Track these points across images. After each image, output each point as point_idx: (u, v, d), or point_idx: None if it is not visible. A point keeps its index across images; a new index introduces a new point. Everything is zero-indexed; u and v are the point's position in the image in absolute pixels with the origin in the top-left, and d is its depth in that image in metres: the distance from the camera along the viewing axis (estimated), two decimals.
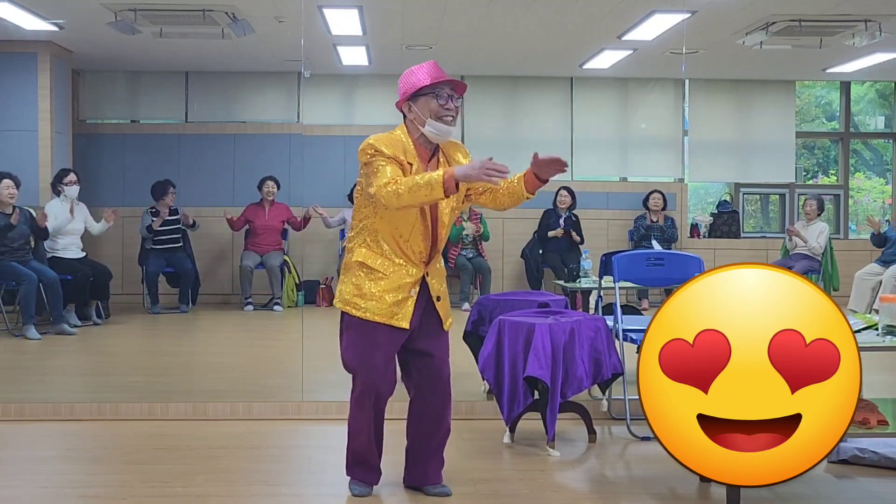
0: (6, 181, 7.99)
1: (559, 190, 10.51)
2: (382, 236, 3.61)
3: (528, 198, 3.64)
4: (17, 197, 8.08)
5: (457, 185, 3.40)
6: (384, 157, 3.52)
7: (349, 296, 3.65)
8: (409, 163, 3.57)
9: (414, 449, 3.84)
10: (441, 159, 3.67)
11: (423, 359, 3.73)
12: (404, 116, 3.69)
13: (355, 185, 3.81)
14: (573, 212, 10.49)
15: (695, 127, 11.45)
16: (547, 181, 3.60)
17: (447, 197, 3.41)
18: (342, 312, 3.70)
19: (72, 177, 8.69)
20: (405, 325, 3.62)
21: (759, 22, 8.15)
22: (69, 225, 8.61)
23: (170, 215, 9.81)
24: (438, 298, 3.70)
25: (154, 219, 9.68)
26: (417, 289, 3.64)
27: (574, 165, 11.32)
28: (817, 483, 4.10)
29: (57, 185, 8.68)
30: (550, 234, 10.35)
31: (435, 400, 3.76)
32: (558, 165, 3.54)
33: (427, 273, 3.66)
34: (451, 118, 3.59)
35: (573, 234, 10.37)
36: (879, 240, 9.51)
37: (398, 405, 4.06)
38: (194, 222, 9.95)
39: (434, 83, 3.56)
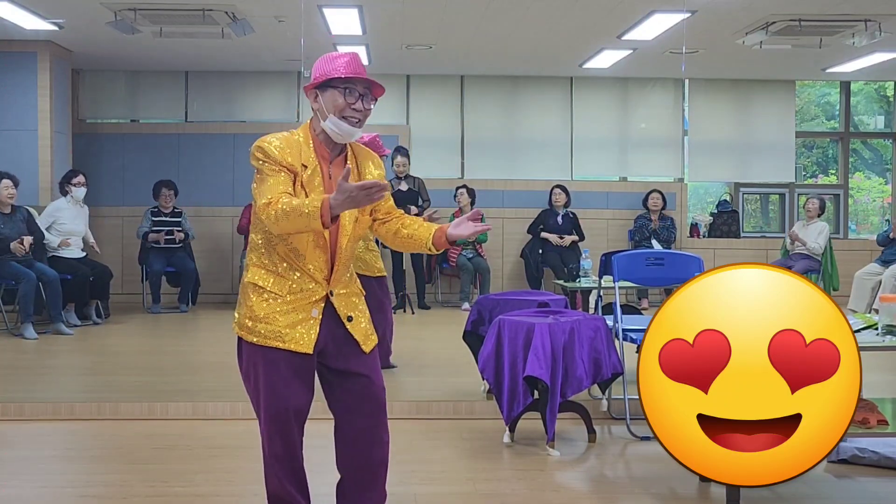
0: (5, 181, 8.00)
1: (553, 188, 10.51)
2: (279, 251, 3.15)
3: (429, 250, 3.23)
4: (17, 196, 8.10)
5: (333, 218, 2.91)
6: (272, 165, 3.15)
7: (243, 319, 3.17)
8: (303, 165, 3.15)
9: (344, 484, 3.32)
10: (349, 163, 3.19)
11: (350, 378, 3.22)
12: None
13: None
14: (570, 209, 10.50)
15: (695, 127, 11.47)
16: (454, 244, 3.21)
17: (326, 228, 2.93)
18: (237, 339, 3.22)
19: (80, 178, 8.71)
20: (306, 349, 3.13)
21: (759, 22, 8.15)
22: (71, 226, 8.62)
23: (171, 216, 9.82)
24: (350, 319, 3.21)
25: (150, 233, 9.70)
26: (321, 308, 3.17)
27: (574, 165, 11.37)
28: (817, 483, 4.11)
29: (65, 186, 8.69)
30: (545, 235, 10.34)
31: (364, 422, 3.22)
32: (473, 229, 3.17)
33: (332, 291, 3.19)
34: (356, 119, 3.14)
35: (573, 232, 10.37)
36: (887, 240, 9.48)
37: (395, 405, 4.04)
38: (187, 234, 9.91)
39: (348, 78, 3.11)
